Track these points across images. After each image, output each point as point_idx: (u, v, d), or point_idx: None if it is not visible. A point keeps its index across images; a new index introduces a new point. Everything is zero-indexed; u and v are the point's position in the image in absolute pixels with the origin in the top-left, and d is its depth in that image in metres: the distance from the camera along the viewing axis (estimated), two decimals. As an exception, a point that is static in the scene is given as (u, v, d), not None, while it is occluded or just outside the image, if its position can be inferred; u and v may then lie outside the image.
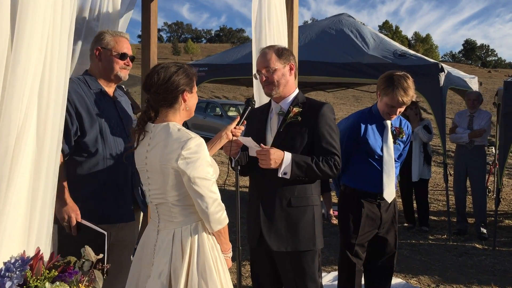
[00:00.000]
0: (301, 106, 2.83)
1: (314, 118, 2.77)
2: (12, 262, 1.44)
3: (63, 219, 2.56)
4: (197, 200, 2.25)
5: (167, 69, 2.33)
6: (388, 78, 3.26)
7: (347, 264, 3.38)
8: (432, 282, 4.86)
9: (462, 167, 6.86)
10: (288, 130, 2.79)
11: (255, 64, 3.00)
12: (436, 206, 8.51)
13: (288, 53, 2.86)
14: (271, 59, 2.79)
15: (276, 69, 2.79)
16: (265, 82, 2.83)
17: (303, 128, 2.77)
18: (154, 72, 2.33)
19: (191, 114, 2.46)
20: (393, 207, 3.49)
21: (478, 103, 6.99)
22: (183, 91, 2.35)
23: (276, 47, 2.86)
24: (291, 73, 2.87)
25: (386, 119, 3.40)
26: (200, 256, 2.29)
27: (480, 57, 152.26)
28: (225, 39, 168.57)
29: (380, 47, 7.33)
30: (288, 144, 2.73)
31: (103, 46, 2.86)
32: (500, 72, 72.68)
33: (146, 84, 2.35)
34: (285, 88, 2.85)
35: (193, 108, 2.46)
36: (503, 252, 5.92)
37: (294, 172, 2.66)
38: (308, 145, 2.77)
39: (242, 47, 8.70)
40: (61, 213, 2.55)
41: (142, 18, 4.00)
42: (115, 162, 2.79)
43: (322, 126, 2.76)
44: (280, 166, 2.65)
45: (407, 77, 3.24)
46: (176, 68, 2.35)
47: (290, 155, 2.68)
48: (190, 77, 2.38)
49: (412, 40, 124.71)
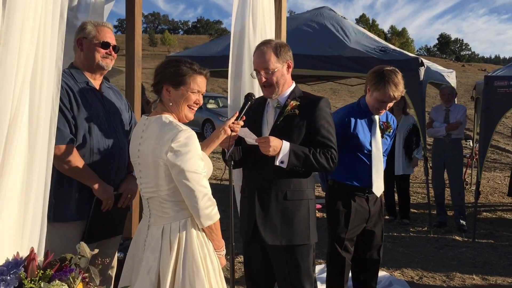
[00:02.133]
0: (299, 100, 2.81)
1: (311, 112, 2.76)
2: (5, 265, 1.38)
3: (106, 199, 2.68)
4: (186, 194, 2.21)
5: (164, 61, 2.35)
6: (378, 73, 3.25)
7: (337, 259, 3.37)
8: (415, 274, 4.92)
9: (440, 160, 6.96)
10: (286, 123, 2.77)
11: (250, 61, 2.95)
12: (416, 198, 8.62)
13: (285, 49, 2.81)
14: (270, 60, 2.74)
15: (275, 71, 2.75)
16: (264, 83, 2.79)
17: (300, 122, 2.76)
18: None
19: (181, 114, 2.36)
20: (380, 200, 3.51)
21: (453, 97, 7.12)
22: (163, 84, 2.32)
23: (273, 43, 2.80)
24: (288, 71, 2.85)
25: (375, 114, 3.40)
26: (188, 253, 2.24)
27: (454, 51, 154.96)
28: (203, 30, 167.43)
29: (362, 41, 7.34)
30: (285, 137, 2.70)
31: (85, 35, 2.79)
32: (474, 66, 74.12)
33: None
34: (283, 87, 2.84)
35: (182, 108, 2.35)
36: (483, 244, 6.02)
37: (291, 161, 2.65)
38: (305, 139, 2.75)
39: (222, 39, 8.62)
40: (105, 193, 2.68)
41: (126, 9, 3.89)
42: (101, 156, 2.72)
43: (320, 120, 2.75)
44: (278, 154, 2.63)
45: (397, 72, 3.25)
46: (170, 62, 2.33)
47: (289, 144, 2.66)
48: (175, 73, 2.30)
49: (388, 34, 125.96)
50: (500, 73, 6.28)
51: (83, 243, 1.57)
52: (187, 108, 2.36)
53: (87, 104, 2.69)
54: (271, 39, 2.91)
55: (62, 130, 2.53)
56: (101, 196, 2.66)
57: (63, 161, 2.56)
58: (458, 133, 6.88)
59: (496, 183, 10.31)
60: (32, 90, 1.74)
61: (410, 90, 6.62)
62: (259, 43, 2.87)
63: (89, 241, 2.65)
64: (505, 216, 7.57)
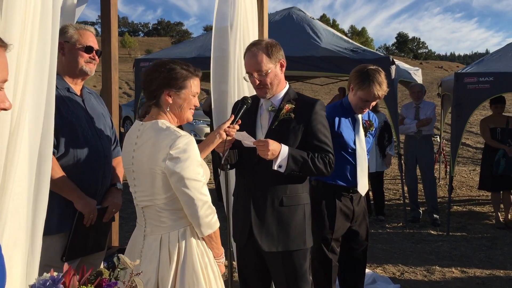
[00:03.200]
0: (294, 102, 2.75)
1: (307, 115, 2.70)
2: (42, 283, 1.27)
3: (88, 213, 2.56)
4: (186, 203, 2.13)
5: (155, 64, 2.23)
6: (362, 73, 3.25)
7: (324, 261, 3.33)
8: (396, 270, 4.98)
9: (412, 156, 7.08)
10: (281, 127, 2.71)
11: (240, 62, 2.87)
12: (388, 194, 8.74)
13: (277, 49, 2.73)
14: (263, 61, 2.66)
15: (268, 72, 2.68)
16: (258, 85, 2.72)
17: (296, 126, 2.70)
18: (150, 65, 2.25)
19: (183, 117, 2.28)
20: (364, 200, 3.50)
21: (422, 95, 7.28)
22: (163, 90, 2.21)
23: (264, 44, 2.72)
24: (282, 70, 2.78)
25: (358, 113, 3.40)
26: (188, 263, 2.17)
27: (412, 49, 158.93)
28: (163, 32, 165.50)
29: (333, 41, 7.41)
30: (281, 142, 2.63)
31: (67, 39, 2.67)
32: (431, 63, 76.20)
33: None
34: (278, 87, 2.77)
35: (185, 111, 2.27)
36: (457, 237, 6.17)
37: (289, 166, 2.59)
38: (301, 143, 2.70)
39: (191, 42, 8.54)
40: (87, 207, 2.55)
41: (101, 12, 3.77)
42: (86, 165, 2.60)
43: (316, 124, 2.71)
44: (276, 158, 2.57)
45: (381, 71, 3.26)
46: (165, 66, 2.22)
47: (287, 148, 2.60)
48: (175, 77, 2.21)
49: (348, 34, 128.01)
50: (469, 70, 6.45)
51: (122, 255, 1.48)
52: (189, 111, 2.29)
53: (68, 111, 2.57)
54: (261, 39, 2.83)
55: None
56: (83, 210, 2.54)
57: None
58: (429, 130, 7.03)
59: (463, 177, 10.59)
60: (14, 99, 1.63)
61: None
62: (249, 44, 2.79)
63: (71, 257, 2.55)
64: (475, 209, 7.78)
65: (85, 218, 2.55)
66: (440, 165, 9.99)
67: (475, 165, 11.87)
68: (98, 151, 2.65)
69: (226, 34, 3.60)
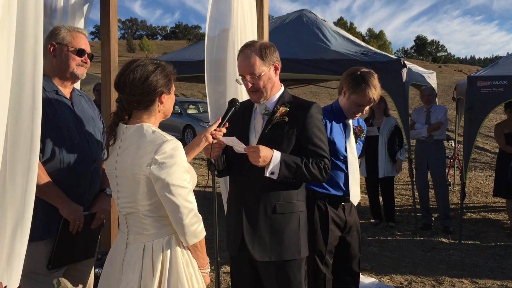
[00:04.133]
0: (288, 105, 2.63)
1: (302, 119, 2.58)
2: None
3: (74, 220, 2.49)
4: (171, 210, 2.04)
5: (144, 68, 2.09)
6: (356, 76, 3.09)
7: (317, 275, 3.12)
8: (404, 279, 4.83)
9: (423, 162, 6.91)
10: (274, 131, 2.59)
11: (234, 64, 2.77)
12: (400, 200, 8.57)
13: (271, 51, 2.61)
14: (256, 64, 2.55)
15: (261, 75, 2.57)
16: (251, 89, 2.61)
17: (290, 129, 2.58)
18: (129, 70, 2.08)
19: (167, 116, 2.25)
20: (355, 209, 3.33)
21: (433, 98, 7.11)
22: (161, 93, 2.12)
23: (257, 45, 2.60)
24: (276, 73, 2.66)
25: (349, 118, 3.23)
26: (173, 274, 2.08)
27: (431, 52, 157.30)
28: (181, 35, 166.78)
29: (343, 44, 7.30)
30: (274, 146, 2.52)
31: (58, 41, 2.60)
32: (450, 67, 75.22)
33: (119, 83, 2.10)
34: (272, 91, 2.65)
35: (170, 110, 2.24)
36: (469, 246, 5.98)
37: (282, 172, 2.48)
38: (296, 147, 2.58)
39: (201, 44, 8.46)
40: (72, 214, 2.49)
41: (101, 12, 3.72)
42: (73, 170, 2.53)
43: (311, 128, 2.58)
44: (268, 165, 2.46)
45: (374, 73, 3.10)
46: (153, 67, 2.11)
47: (280, 154, 2.49)
48: (168, 77, 2.14)
49: (366, 37, 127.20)
50: (482, 73, 6.26)
51: (63, 279, 1.41)
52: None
53: (56, 114, 2.50)
54: (254, 41, 2.70)
55: None
56: (68, 216, 2.47)
57: None
58: (440, 134, 6.85)
59: (478, 182, 10.35)
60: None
61: (393, 91, 6.59)
62: (242, 45, 2.68)
63: (57, 265, 2.48)
64: (490, 216, 7.56)
65: (70, 225, 2.48)
66: (454, 170, 9.77)
67: (492, 170, 11.57)
68: (86, 155, 2.58)
69: (226, 38, 3.53)
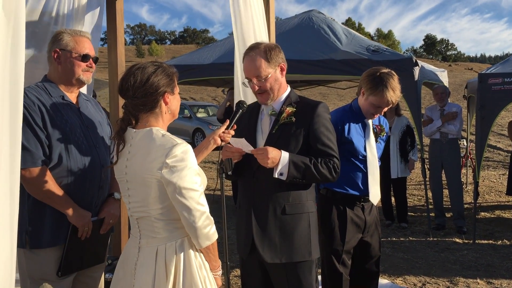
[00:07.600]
0: (295, 105, 2.61)
1: (309, 118, 2.56)
2: None
3: (82, 226, 2.48)
4: (183, 213, 2.03)
5: (144, 70, 2.10)
6: (375, 77, 3.06)
7: (334, 275, 3.13)
8: (418, 281, 4.76)
9: (437, 161, 6.83)
10: (282, 132, 2.57)
11: (241, 67, 2.76)
12: (412, 201, 8.48)
13: (276, 52, 2.60)
14: (261, 66, 2.54)
15: (268, 77, 2.56)
16: (258, 91, 2.60)
17: (297, 130, 2.56)
18: (130, 74, 2.09)
19: (175, 117, 2.24)
20: (376, 209, 3.32)
21: (446, 96, 7.01)
22: (163, 93, 2.12)
23: (262, 47, 2.59)
24: (282, 74, 2.64)
25: (368, 119, 3.22)
26: (187, 276, 2.07)
27: (440, 51, 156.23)
28: (190, 40, 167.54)
29: (353, 43, 7.21)
30: (282, 147, 2.50)
31: (62, 47, 2.56)
32: (460, 65, 74.75)
33: (122, 88, 2.11)
34: (278, 92, 2.64)
35: (177, 110, 2.24)
36: (484, 246, 5.89)
37: (291, 173, 2.46)
38: (304, 147, 2.56)
39: (210, 47, 8.45)
40: (80, 220, 2.48)
41: (107, 18, 3.73)
42: (81, 176, 2.51)
43: (318, 127, 2.56)
44: (277, 166, 2.45)
45: (394, 75, 3.06)
46: (154, 68, 2.12)
47: (288, 154, 2.47)
48: (170, 76, 2.15)
49: (374, 37, 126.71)
50: (494, 71, 6.18)
51: (47, 284, 1.38)
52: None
53: (62, 120, 2.48)
54: (259, 42, 2.68)
55: (32, 151, 2.34)
56: (76, 223, 2.45)
57: (34, 185, 2.36)
58: (456, 133, 6.75)
59: (492, 181, 10.21)
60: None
61: (405, 90, 6.48)
62: (247, 48, 2.66)
63: (66, 272, 2.46)
64: (504, 215, 7.45)
65: (79, 231, 2.47)
66: (467, 169, 9.65)
67: (505, 169, 11.43)
68: (94, 160, 2.56)
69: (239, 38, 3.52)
